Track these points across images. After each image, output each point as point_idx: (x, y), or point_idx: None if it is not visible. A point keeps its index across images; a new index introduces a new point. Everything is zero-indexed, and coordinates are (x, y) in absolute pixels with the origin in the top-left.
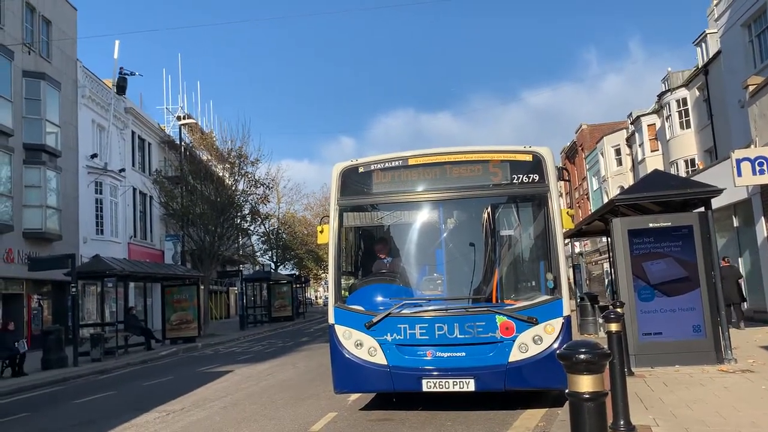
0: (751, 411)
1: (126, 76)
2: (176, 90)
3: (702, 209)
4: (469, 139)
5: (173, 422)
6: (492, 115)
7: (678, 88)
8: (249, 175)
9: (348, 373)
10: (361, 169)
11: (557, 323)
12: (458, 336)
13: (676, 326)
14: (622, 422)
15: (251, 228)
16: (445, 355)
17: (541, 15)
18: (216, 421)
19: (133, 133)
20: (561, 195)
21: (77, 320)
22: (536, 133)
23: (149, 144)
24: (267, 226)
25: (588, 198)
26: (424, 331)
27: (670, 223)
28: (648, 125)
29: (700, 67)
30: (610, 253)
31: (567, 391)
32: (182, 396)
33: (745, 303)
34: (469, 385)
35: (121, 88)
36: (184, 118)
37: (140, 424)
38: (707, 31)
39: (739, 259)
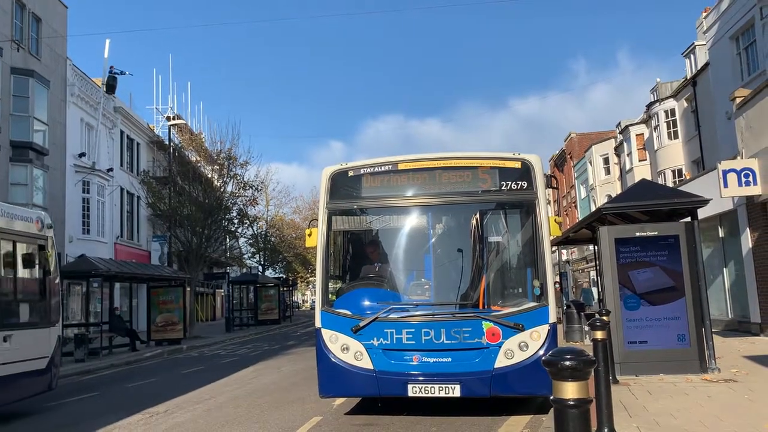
0: (734, 420)
1: (116, 75)
2: (166, 90)
3: (688, 219)
4: (458, 146)
5: (157, 424)
6: (481, 122)
7: (666, 98)
8: (238, 177)
9: (334, 377)
10: (350, 173)
11: (543, 330)
12: (444, 341)
13: (661, 335)
14: (606, 430)
15: (239, 230)
16: (432, 360)
17: (531, 24)
18: (200, 423)
19: (121, 132)
20: (549, 203)
21: (62, 320)
22: (524, 141)
23: (138, 144)
24: (255, 228)
25: (576, 206)
26: (410, 336)
27: (656, 233)
28: (636, 135)
29: (688, 78)
30: (597, 261)
31: (552, 397)
32: (166, 398)
33: None
34: (455, 391)
35: (110, 87)
36: (173, 118)
37: (123, 426)
38: (696, 43)
39: (724, 269)
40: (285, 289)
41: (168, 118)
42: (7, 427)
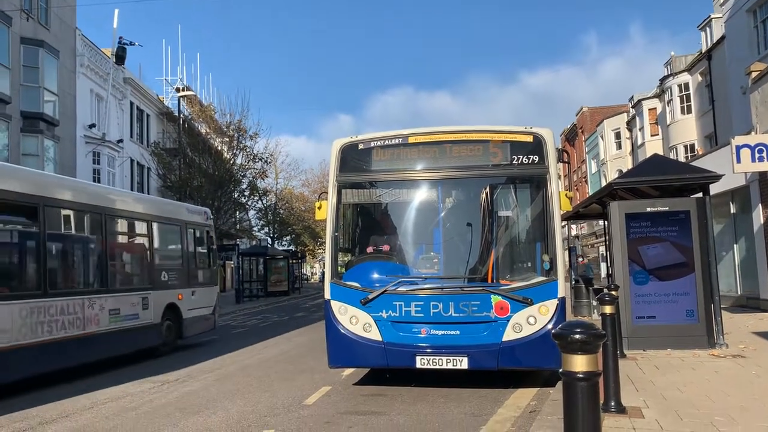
0: (740, 395)
1: (125, 46)
2: (176, 61)
3: (700, 195)
4: (467, 119)
5: (168, 392)
6: (490, 95)
7: (680, 72)
8: (247, 150)
9: (343, 348)
10: (360, 146)
11: (552, 304)
12: (453, 314)
13: (669, 310)
14: (613, 403)
15: (249, 202)
16: (440, 332)
17: None
18: (211, 392)
19: (131, 103)
20: (560, 177)
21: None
22: (534, 115)
23: (148, 115)
24: (264, 201)
25: (586, 181)
26: (419, 308)
27: (667, 208)
28: (649, 109)
29: (703, 51)
30: (607, 237)
31: (561, 370)
32: (177, 367)
33: None
34: (462, 363)
35: (120, 57)
36: (183, 90)
37: (136, 393)
38: (712, 16)
39: (735, 245)
40: (294, 261)
41: (177, 90)
42: (32, 392)
